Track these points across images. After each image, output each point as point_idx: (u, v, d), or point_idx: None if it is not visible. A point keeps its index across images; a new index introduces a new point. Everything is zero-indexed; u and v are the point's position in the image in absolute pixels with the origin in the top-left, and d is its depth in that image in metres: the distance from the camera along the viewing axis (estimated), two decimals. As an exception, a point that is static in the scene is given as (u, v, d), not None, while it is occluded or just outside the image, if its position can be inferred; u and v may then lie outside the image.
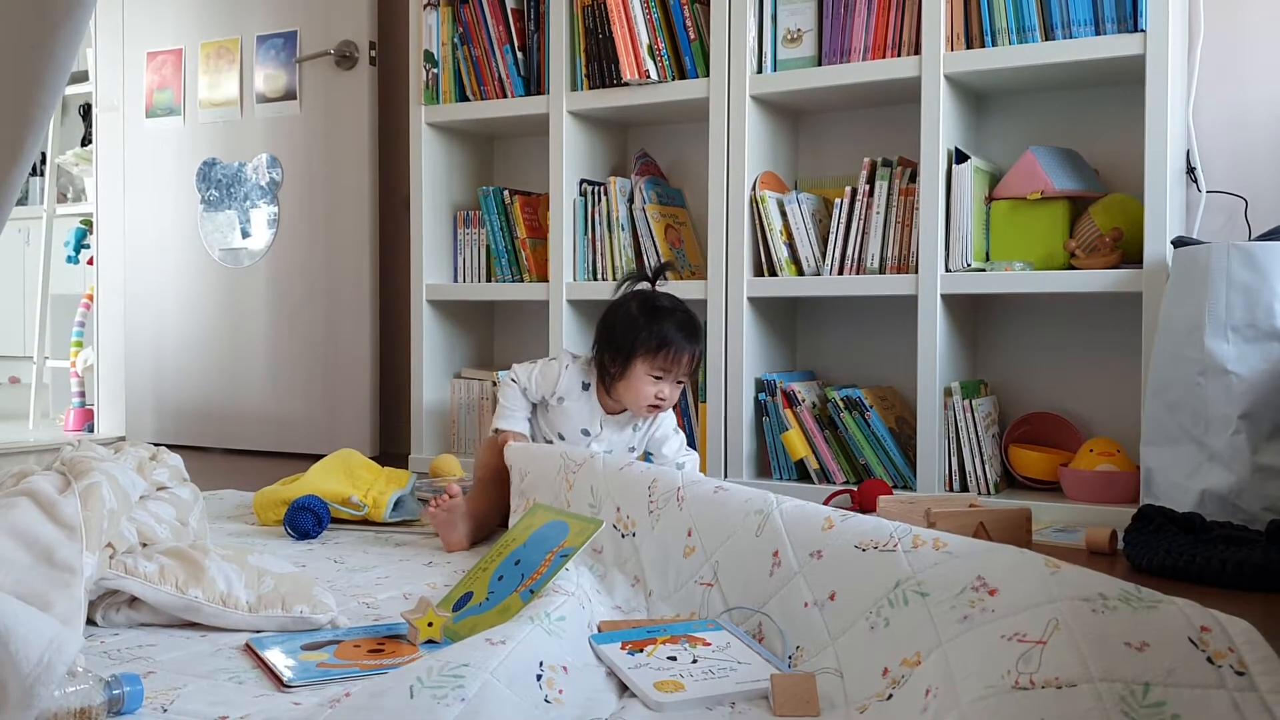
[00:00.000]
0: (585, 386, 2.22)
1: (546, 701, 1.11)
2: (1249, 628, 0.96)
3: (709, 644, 1.32)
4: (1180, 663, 0.95)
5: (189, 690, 1.22)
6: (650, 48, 2.79)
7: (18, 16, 0.97)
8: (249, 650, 1.37)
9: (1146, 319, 2.29)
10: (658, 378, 2.14)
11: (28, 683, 1.00)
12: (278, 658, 1.32)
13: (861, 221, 2.60)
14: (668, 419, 2.28)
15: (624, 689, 1.23)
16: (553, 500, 1.85)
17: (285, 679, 1.25)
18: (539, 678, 1.13)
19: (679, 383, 2.18)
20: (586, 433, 2.22)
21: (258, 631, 1.45)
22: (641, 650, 1.29)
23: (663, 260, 2.78)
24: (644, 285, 2.26)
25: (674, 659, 1.28)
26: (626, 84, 2.82)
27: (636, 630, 1.36)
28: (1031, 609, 1.06)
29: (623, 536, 1.67)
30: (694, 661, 1.27)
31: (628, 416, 2.24)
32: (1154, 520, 1.98)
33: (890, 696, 1.13)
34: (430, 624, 1.39)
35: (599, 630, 1.38)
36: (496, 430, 2.23)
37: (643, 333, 2.14)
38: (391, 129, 3.48)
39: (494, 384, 3.10)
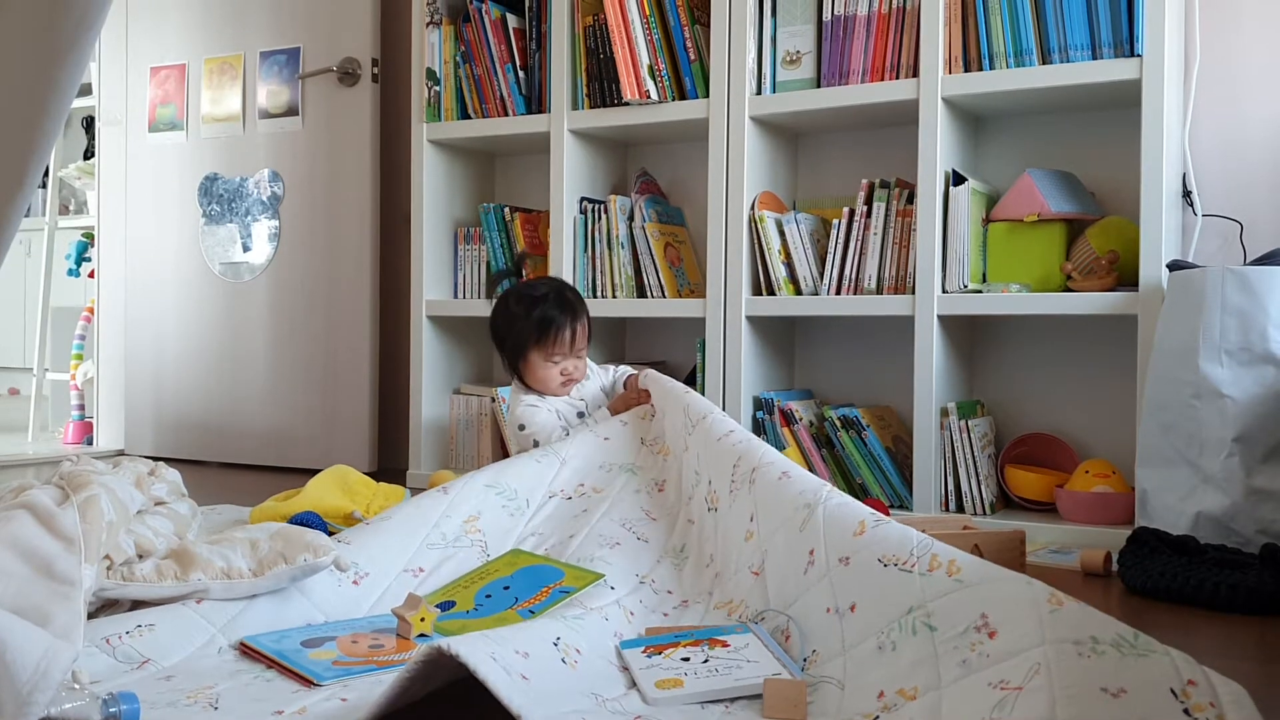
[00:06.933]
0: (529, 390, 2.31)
1: (563, 663, 1.20)
2: (1240, 689, 0.94)
3: (728, 645, 1.35)
4: (1155, 711, 0.93)
5: (226, 688, 1.25)
6: (651, 68, 2.81)
7: (24, 46, 0.98)
8: (246, 649, 1.39)
9: (1142, 341, 2.30)
10: (556, 360, 2.25)
11: (24, 692, 1.00)
12: (299, 660, 1.34)
13: (859, 242, 2.62)
14: (618, 367, 2.38)
15: (634, 685, 1.27)
16: (675, 454, 1.90)
17: (317, 681, 1.28)
18: (555, 644, 1.23)
19: (579, 356, 2.27)
20: (581, 415, 2.30)
21: (257, 613, 1.46)
22: (661, 653, 1.33)
23: (656, 268, 2.80)
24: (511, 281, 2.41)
25: (687, 659, 1.31)
26: (627, 103, 2.84)
27: (664, 636, 1.40)
28: (1022, 654, 1.07)
29: (709, 510, 1.72)
30: (705, 661, 1.31)
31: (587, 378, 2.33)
32: (1148, 542, 1.99)
33: (876, 719, 1.15)
34: (423, 619, 1.44)
35: (644, 634, 1.44)
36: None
37: (523, 324, 2.24)
38: (393, 145, 3.50)
39: (493, 400, 3.10)
